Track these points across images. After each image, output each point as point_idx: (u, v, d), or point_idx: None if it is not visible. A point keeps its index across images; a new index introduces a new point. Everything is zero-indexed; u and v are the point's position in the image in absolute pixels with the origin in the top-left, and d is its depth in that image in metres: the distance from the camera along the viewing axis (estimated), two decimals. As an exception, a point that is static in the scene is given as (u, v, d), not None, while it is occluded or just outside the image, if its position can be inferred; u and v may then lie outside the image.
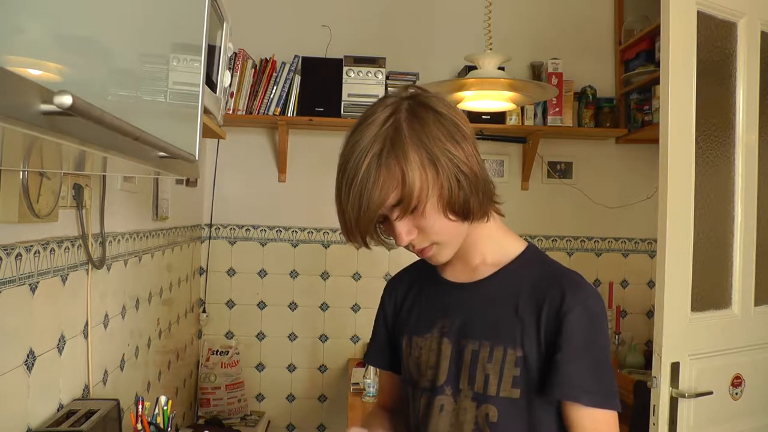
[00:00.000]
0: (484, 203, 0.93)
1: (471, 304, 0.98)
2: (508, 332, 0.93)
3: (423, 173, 0.85)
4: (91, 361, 1.47)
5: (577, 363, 0.89)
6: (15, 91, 0.40)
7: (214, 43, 1.36)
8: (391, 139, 0.86)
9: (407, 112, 0.88)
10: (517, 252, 0.99)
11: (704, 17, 1.77)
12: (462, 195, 0.88)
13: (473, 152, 0.90)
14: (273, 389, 2.99)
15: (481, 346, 0.94)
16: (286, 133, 2.89)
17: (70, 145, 0.54)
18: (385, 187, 0.85)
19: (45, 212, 1.17)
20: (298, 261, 2.99)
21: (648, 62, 2.74)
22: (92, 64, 0.61)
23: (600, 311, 0.92)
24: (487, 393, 0.92)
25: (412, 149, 0.85)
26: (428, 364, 0.99)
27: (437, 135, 0.87)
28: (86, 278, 1.45)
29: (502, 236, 1.01)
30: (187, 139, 0.98)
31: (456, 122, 0.90)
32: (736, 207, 1.87)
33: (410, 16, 3.00)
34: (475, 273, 1.00)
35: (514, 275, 0.97)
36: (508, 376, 0.91)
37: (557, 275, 0.95)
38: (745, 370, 1.85)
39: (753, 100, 1.88)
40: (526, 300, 0.93)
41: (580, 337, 0.89)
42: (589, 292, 0.93)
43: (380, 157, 0.85)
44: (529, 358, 0.91)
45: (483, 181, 0.91)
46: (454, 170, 0.87)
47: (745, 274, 1.87)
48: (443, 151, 0.86)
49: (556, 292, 0.91)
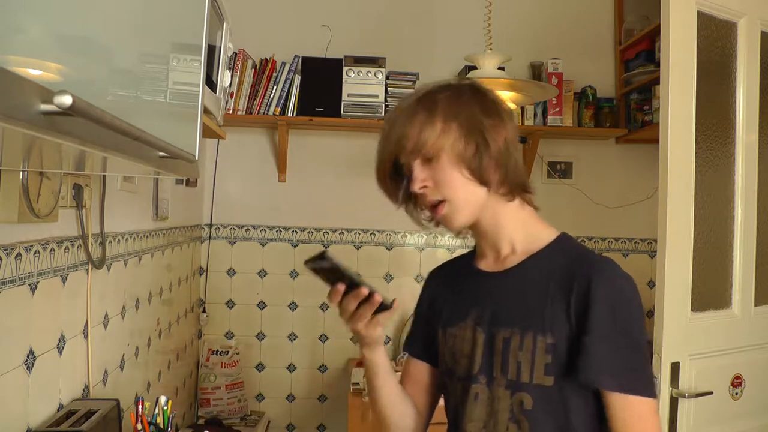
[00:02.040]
0: (508, 181, 0.96)
1: (502, 292, 0.99)
2: (538, 319, 0.93)
3: (444, 126, 0.93)
4: (91, 361, 1.47)
5: (603, 346, 0.88)
6: (15, 91, 0.40)
7: (214, 43, 1.36)
8: (426, 95, 0.97)
9: (448, 86, 0.99)
10: (548, 240, 1.00)
11: (704, 17, 1.77)
12: (479, 159, 0.93)
13: (504, 132, 0.95)
14: (273, 389, 2.99)
15: (512, 334, 0.94)
16: (286, 133, 2.89)
17: (70, 145, 0.54)
18: (408, 130, 0.94)
19: (45, 212, 1.17)
20: (298, 261, 2.98)
21: (648, 62, 2.74)
22: (92, 64, 0.61)
23: (629, 294, 0.91)
24: (520, 381, 0.92)
25: (441, 105, 0.94)
26: (463, 353, 1.01)
27: (470, 103, 0.96)
28: (86, 278, 1.45)
29: (532, 224, 1.02)
30: (187, 139, 0.98)
31: (495, 105, 0.97)
32: (736, 207, 1.87)
33: (410, 16, 3.00)
34: (505, 262, 1.01)
35: (543, 262, 0.97)
36: (540, 364, 0.91)
37: (586, 259, 0.95)
38: (745, 370, 1.85)
39: (753, 100, 1.88)
40: (555, 286, 0.94)
41: (608, 319, 0.88)
42: (618, 274, 0.92)
43: (411, 107, 0.96)
44: (560, 345, 0.91)
45: (510, 160, 0.95)
46: (477, 135, 0.93)
47: (745, 274, 1.87)
48: (470, 115, 0.94)
49: (584, 275, 0.91)
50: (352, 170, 2.99)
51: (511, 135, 0.97)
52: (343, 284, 0.95)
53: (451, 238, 3.03)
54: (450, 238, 3.03)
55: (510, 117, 0.99)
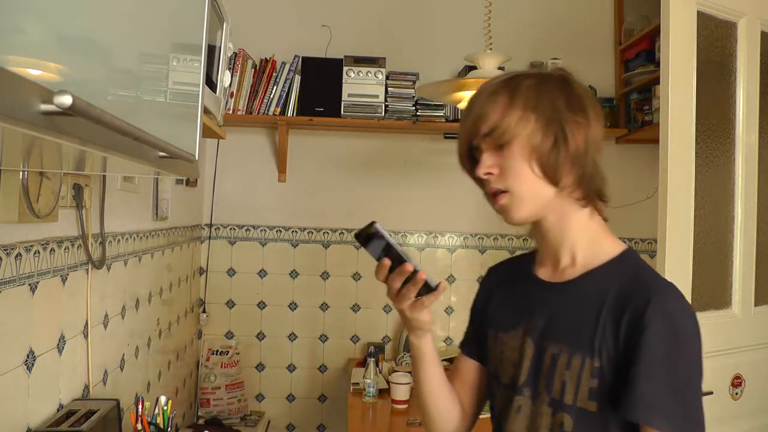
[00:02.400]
0: (583, 185, 0.91)
1: (556, 305, 0.94)
2: (588, 340, 0.87)
3: (522, 114, 0.88)
4: (91, 361, 1.47)
5: (653, 381, 0.81)
6: (15, 91, 0.40)
7: (214, 43, 1.36)
8: (511, 78, 0.92)
9: (536, 73, 0.93)
10: (611, 254, 0.93)
11: (704, 17, 1.77)
12: (554, 156, 0.88)
13: (586, 130, 0.89)
14: (273, 389, 2.99)
15: (561, 352, 0.90)
16: (286, 133, 2.89)
17: (70, 145, 0.54)
18: (484, 112, 0.90)
19: (45, 212, 1.17)
20: (298, 261, 2.99)
21: (648, 62, 2.74)
22: (92, 64, 0.61)
23: (687, 327, 0.84)
24: (563, 401, 0.88)
25: (523, 93, 0.90)
26: (511, 361, 0.97)
27: (554, 96, 0.90)
28: (86, 278, 1.45)
29: (598, 236, 0.95)
30: (187, 139, 0.98)
31: (582, 101, 0.91)
32: (736, 207, 1.87)
33: (410, 16, 3.00)
34: (564, 273, 0.96)
35: (602, 278, 0.91)
36: (585, 387, 0.86)
37: (646, 282, 0.88)
38: (745, 370, 1.85)
39: (753, 100, 1.88)
40: (609, 306, 0.87)
41: (660, 352, 0.81)
42: (677, 305, 0.85)
43: (493, 88, 0.92)
44: (607, 370, 0.85)
45: (589, 162, 0.90)
46: (556, 128, 0.88)
47: (745, 274, 1.87)
48: (553, 106, 0.89)
49: (640, 300, 0.84)
50: (352, 170, 3.00)
51: (595, 135, 0.91)
52: (389, 260, 0.92)
53: (451, 239, 3.03)
54: (450, 238, 3.03)
55: (597, 116, 0.92)
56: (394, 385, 2.35)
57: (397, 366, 2.73)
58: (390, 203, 2.99)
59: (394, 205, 2.99)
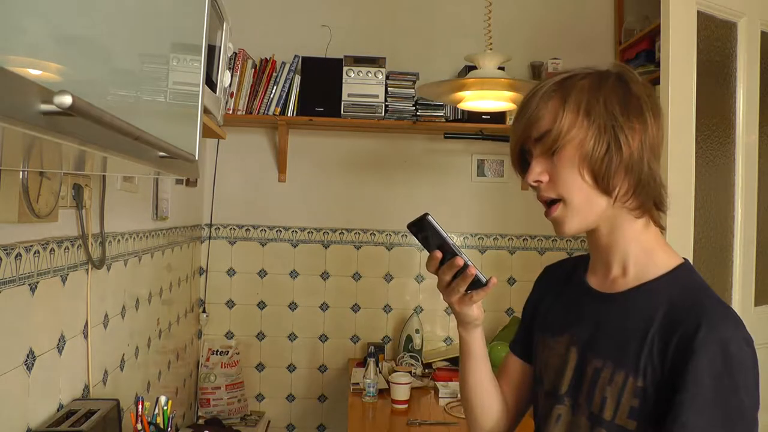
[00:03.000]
0: (637, 194, 0.86)
1: (603, 317, 0.90)
2: (634, 357, 0.83)
3: (575, 119, 0.85)
4: (91, 361, 1.47)
5: (699, 414, 0.75)
6: (15, 91, 0.40)
7: (214, 43, 1.36)
8: (566, 79, 0.88)
9: (592, 73, 0.89)
10: (665, 268, 0.88)
11: (704, 17, 1.77)
12: (606, 162, 0.83)
13: (642, 135, 0.84)
14: (273, 389, 2.99)
15: (605, 366, 0.86)
16: (286, 133, 2.89)
17: (70, 145, 0.54)
18: (537, 116, 0.87)
19: (45, 212, 1.17)
20: (298, 261, 2.99)
21: (648, 62, 2.74)
22: (92, 64, 0.61)
23: (741, 357, 0.77)
24: (602, 416, 0.85)
25: (576, 96, 0.86)
26: (554, 368, 0.95)
27: (610, 99, 0.85)
28: (86, 278, 1.45)
29: (653, 247, 0.90)
30: (187, 139, 0.98)
31: (640, 103, 0.85)
32: (736, 207, 1.87)
33: (410, 16, 3.00)
34: (614, 284, 0.91)
35: (654, 294, 0.86)
36: (626, 405, 0.82)
37: (700, 303, 0.81)
38: (745, 370, 1.85)
39: (753, 100, 1.88)
40: (659, 324, 0.82)
41: (709, 382, 0.75)
42: (732, 331, 0.78)
43: (548, 90, 0.88)
44: (650, 391, 0.80)
45: (644, 169, 0.85)
46: (609, 136, 0.84)
47: (745, 274, 1.87)
48: (607, 110, 0.84)
49: (692, 322, 0.78)
50: (352, 170, 3.00)
51: (653, 140, 0.85)
52: (440, 252, 0.91)
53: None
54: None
55: (656, 118, 0.86)
56: (394, 385, 2.35)
57: (397, 366, 2.73)
58: (390, 203, 2.99)
59: (394, 205, 2.99)
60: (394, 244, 3.01)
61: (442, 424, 2.15)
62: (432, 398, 2.46)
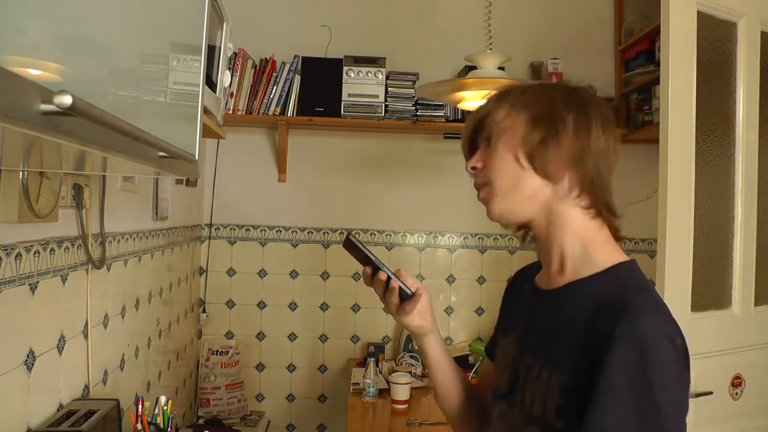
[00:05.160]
0: (590, 192, 0.86)
1: (537, 314, 0.92)
2: (559, 354, 0.82)
3: (510, 109, 0.88)
4: (91, 361, 1.47)
5: (610, 410, 0.73)
6: (15, 91, 0.40)
7: (214, 43, 1.36)
8: (522, 83, 0.94)
9: (544, 82, 0.97)
10: (602, 267, 0.86)
11: (704, 17, 1.77)
12: (543, 148, 0.85)
13: (587, 136, 0.85)
14: (273, 389, 2.99)
15: (534, 363, 0.86)
16: (286, 133, 2.89)
17: (70, 145, 0.54)
18: (476, 111, 0.93)
19: (45, 212, 1.17)
20: (298, 261, 2.99)
21: (648, 62, 2.74)
22: (92, 64, 0.61)
23: (659, 353, 0.73)
24: (533, 414, 0.84)
25: (518, 93, 0.90)
26: (500, 367, 0.97)
27: (554, 97, 0.88)
28: (86, 278, 1.45)
29: (593, 245, 0.88)
30: (187, 139, 0.98)
31: (585, 106, 0.87)
32: (736, 207, 1.87)
33: (410, 16, 3.00)
34: (552, 280, 0.91)
35: (585, 292, 0.84)
36: (552, 403, 0.81)
37: (626, 300, 0.78)
38: (745, 370, 1.85)
39: (753, 100, 1.88)
40: (583, 321, 0.81)
41: (620, 378, 0.72)
42: (652, 326, 0.74)
43: (495, 93, 0.93)
44: (573, 388, 0.78)
45: (590, 168, 0.85)
46: (547, 124, 0.85)
47: (745, 274, 1.87)
48: (549, 105, 0.87)
49: (613, 318, 0.75)
50: (352, 170, 3.00)
51: (599, 146, 0.85)
52: (370, 268, 0.96)
53: (451, 239, 3.03)
54: (450, 238, 3.03)
55: (605, 129, 0.86)
56: (394, 385, 2.35)
57: (397, 366, 2.73)
58: (390, 203, 2.99)
59: (394, 205, 2.99)
60: (394, 244, 3.01)
61: (442, 424, 2.14)
62: (432, 398, 2.46)
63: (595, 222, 0.88)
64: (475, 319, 3.05)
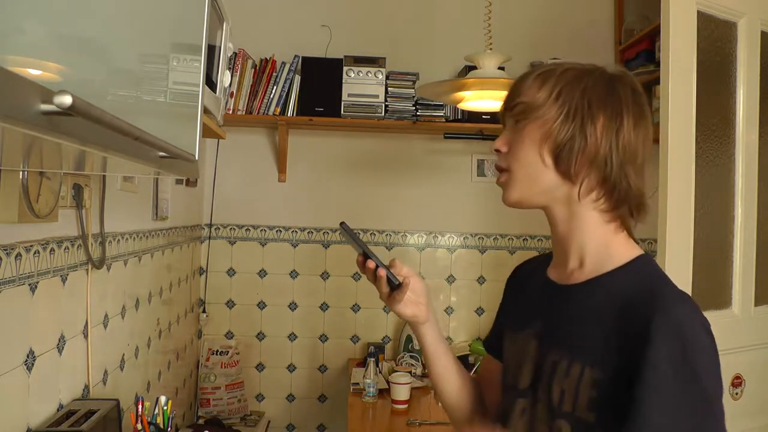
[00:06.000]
0: (611, 198, 0.86)
1: (560, 309, 0.90)
2: (590, 349, 0.82)
3: (546, 98, 0.86)
4: (91, 361, 1.47)
5: (659, 401, 0.73)
6: (15, 91, 0.40)
7: (214, 43, 1.36)
8: (551, 66, 0.90)
9: (586, 68, 0.90)
10: (623, 261, 0.87)
11: (704, 17, 1.77)
12: (568, 148, 0.84)
13: (615, 137, 0.84)
14: (273, 389, 2.99)
15: (561, 359, 0.85)
16: (286, 133, 2.89)
17: (70, 145, 0.54)
18: (514, 90, 0.91)
19: (45, 212, 1.17)
20: (298, 261, 2.99)
21: (648, 62, 2.74)
22: (92, 64, 0.61)
23: (699, 341, 0.75)
24: (562, 409, 0.84)
25: (556, 80, 0.87)
26: (516, 362, 0.96)
27: (589, 91, 0.86)
28: (86, 278, 1.45)
29: (611, 240, 0.89)
30: (187, 139, 0.98)
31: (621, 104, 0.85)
32: (736, 207, 1.87)
33: (410, 16, 3.00)
34: (571, 276, 0.91)
35: (610, 286, 0.85)
36: (584, 397, 0.81)
37: (655, 291, 0.80)
38: (745, 370, 1.85)
39: (753, 100, 1.88)
40: (615, 316, 0.81)
41: (667, 369, 0.73)
42: (688, 316, 0.76)
43: (532, 72, 0.90)
44: (608, 381, 0.78)
45: (614, 171, 0.84)
46: (576, 123, 0.84)
47: (745, 274, 1.87)
48: (582, 103, 0.85)
49: (647, 310, 0.76)
50: (352, 170, 3.00)
51: (627, 144, 0.84)
52: (362, 257, 0.97)
53: (451, 239, 3.03)
54: (450, 238, 3.03)
55: (637, 124, 0.86)
56: (394, 385, 2.35)
57: (397, 366, 2.73)
58: (390, 203, 2.99)
59: (394, 205, 2.99)
60: (394, 244, 3.01)
61: (442, 424, 2.14)
62: (432, 398, 2.45)
63: (613, 224, 0.89)
64: (475, 319, 3.05)
